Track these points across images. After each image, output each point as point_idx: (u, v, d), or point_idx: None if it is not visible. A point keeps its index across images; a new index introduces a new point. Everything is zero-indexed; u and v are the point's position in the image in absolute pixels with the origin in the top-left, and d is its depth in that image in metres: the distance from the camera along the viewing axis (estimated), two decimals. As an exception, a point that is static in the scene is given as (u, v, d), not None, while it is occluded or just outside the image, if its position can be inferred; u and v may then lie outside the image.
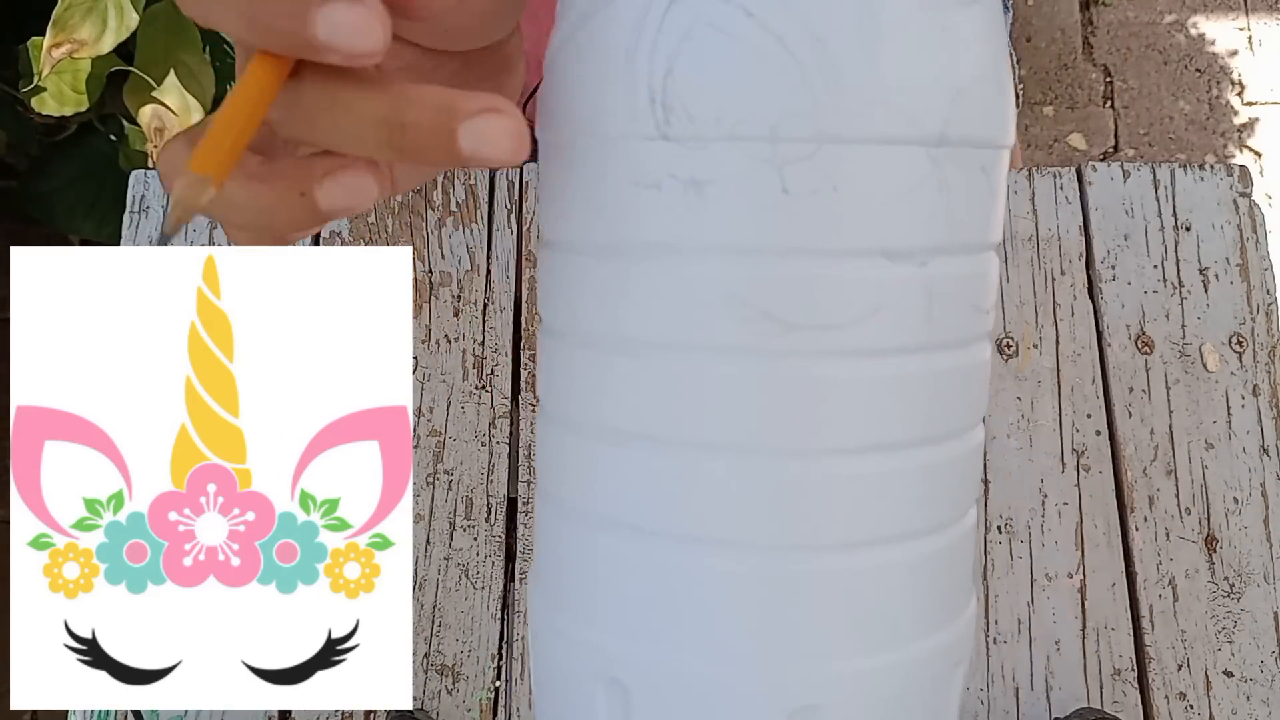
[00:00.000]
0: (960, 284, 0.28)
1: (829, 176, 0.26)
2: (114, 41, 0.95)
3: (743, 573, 0.27)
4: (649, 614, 0.28)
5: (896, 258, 0.26)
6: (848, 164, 0.26)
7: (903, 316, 0.26)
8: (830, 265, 0.26)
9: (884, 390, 0.26)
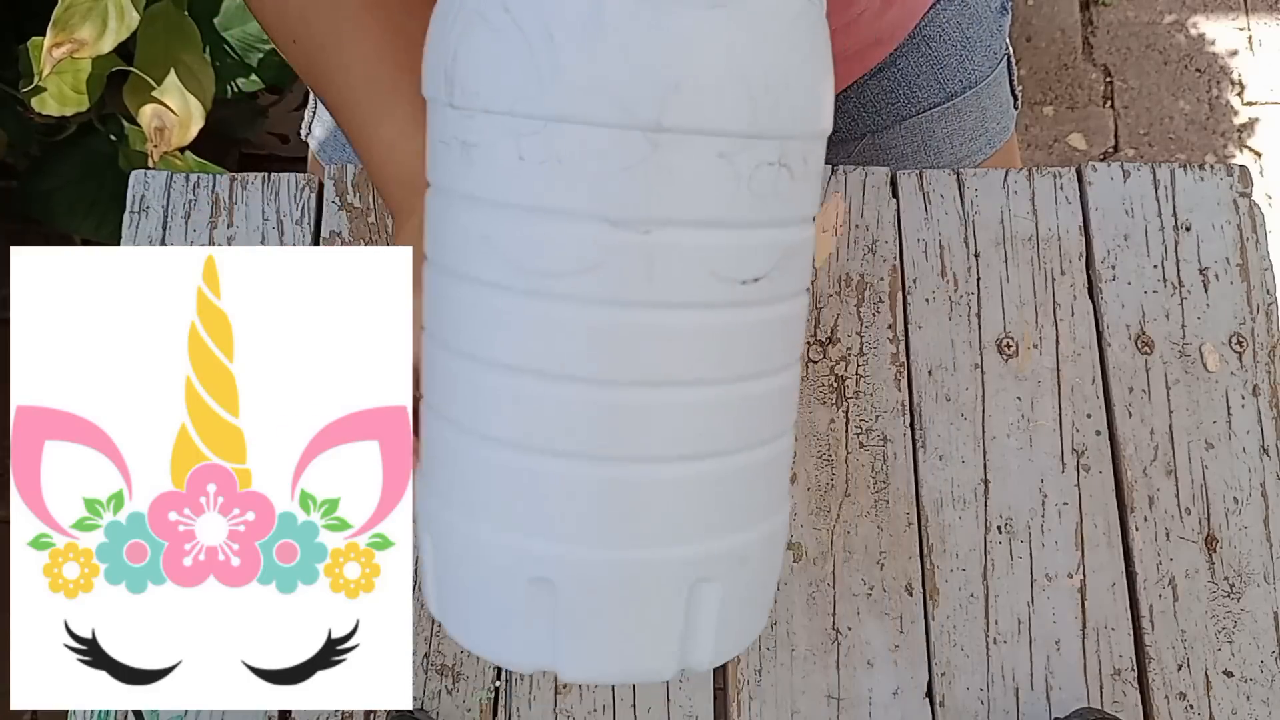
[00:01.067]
0: (693, 253, 0.32)
1: (554, 150, 0.31)
2: (114, 41, 0.95)
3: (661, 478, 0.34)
4: (582, 521, 0.34)
5: (618, 224, 0.31)
6: (569, 141, 0.31)
7: (622, 274, 0.32)
8: (555, 224, 0.32)
9: (604, 336, 0.32)
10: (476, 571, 0.37)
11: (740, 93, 0.31)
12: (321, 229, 0.64)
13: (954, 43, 0.75)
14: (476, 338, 0.34)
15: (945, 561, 0.60)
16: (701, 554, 0.35)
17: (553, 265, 0.32)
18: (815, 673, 0.58)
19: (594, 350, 0.33)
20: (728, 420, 0.35)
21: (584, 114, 0.31)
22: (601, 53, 0.30)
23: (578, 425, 0.34)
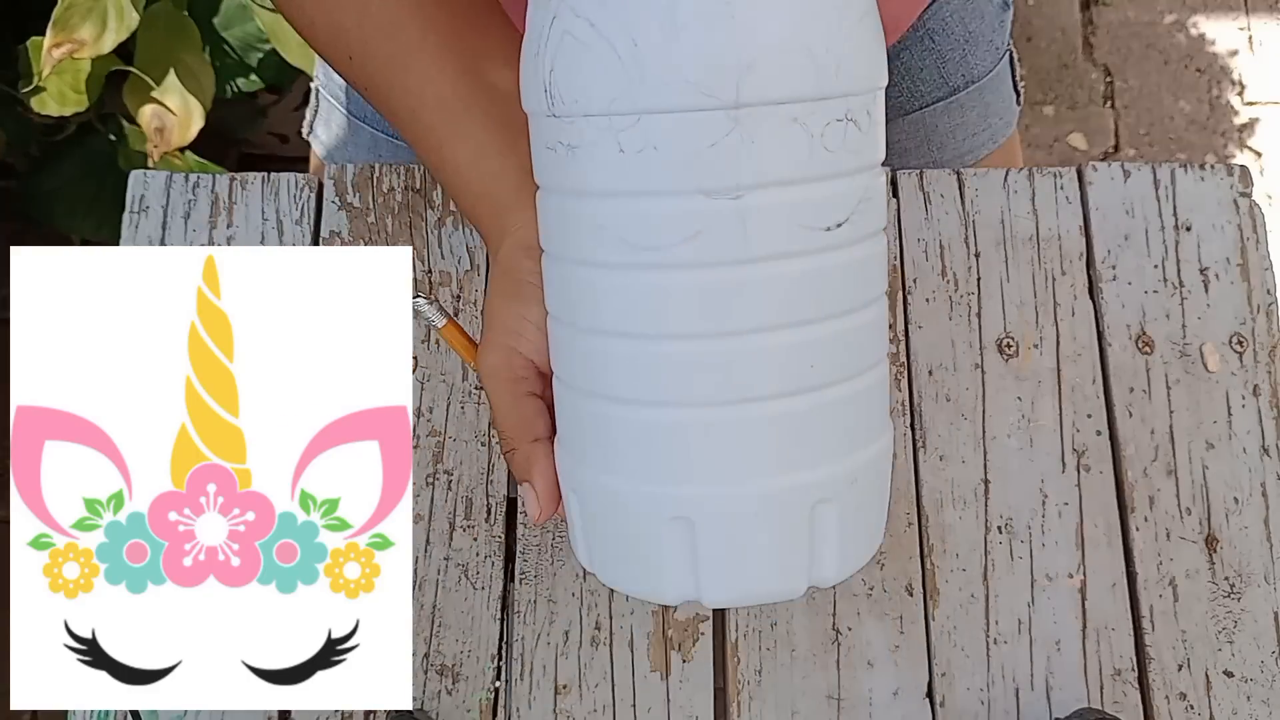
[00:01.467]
0: (781, 211, 0.37)
1: (650, 138, 0.36)
2: (114, 41, 0.95)
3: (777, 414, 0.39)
4: (714, 463, 0.39)
5: (713, 194, 0.36)
6: (661, 129, 0.36)
7: (722, 237, 0.36)
8: (657, 203, 0.37)
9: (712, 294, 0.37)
10: (620, 520, 0.41)
11: (805, 62, 0.36)
12: (321, 229, 0.64)
13: (957, 37, 0.75)
14: (601, 313, 0.39)
15: (945, 561, 0.60)
16: (817, 479, 0.40)
17: (660, 239, 0.37)
18: (815, 673, 0.58)
19: (705, 308, 0.37)
20: (827, 355, 0.39)
21: (671, 103, 0.35)
22: (679, 48, 0.35)
23: (695, 378, 0.38)
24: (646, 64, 0.35)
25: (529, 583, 0.58)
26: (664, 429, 0.39)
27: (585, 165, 0.38)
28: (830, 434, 0.40)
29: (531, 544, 0.59)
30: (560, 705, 0.57)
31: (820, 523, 0.40)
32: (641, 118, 0.36)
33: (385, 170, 0.65)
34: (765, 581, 0.41)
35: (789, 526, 0.40)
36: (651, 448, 0.40)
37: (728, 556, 0.40)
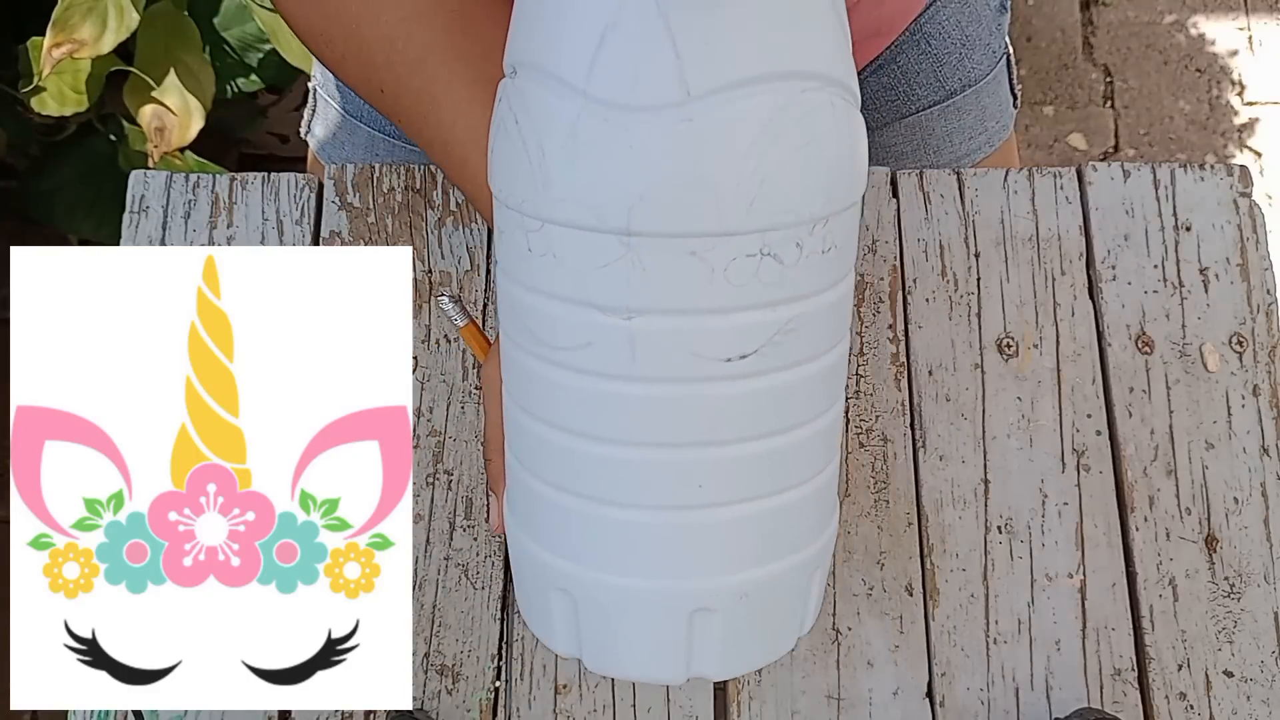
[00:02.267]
0: (673, 338, 0.36)
1: (551, 246, 0.36)
2: (114, 41, 0.95)
3: (652, 524, 0.39)
4: (588, 548, 0.40)
5: (605, 311, 0.36)
6: (560, 240, 0.35)
7: (609, 352, 0.36)
8: (556, 306, 0.37)
9: (597, 401, 0.37)
10: (523, 571, 0.43)
11: (706, 198, 0.34)
12: (321, 229, 0.64)
13: (953, 41, 0.75)
14: (511, 384, 0.41)
15: (945, 561, 0.60)
16: (695, 589, 0.40)
17: (556, 340, 0.37)
18: (815, 673, 0.58)
19: (590, 413, 0.38)
20: (719, 477, 0.39)
21: (568, 219, 0.35)
22: (577, 166, 0.34)
23: (579, 470, 0.39)
24: (550, 176, 0.35)
25: (529, 583, 0.58)
26: (550, 504, 0.40)
27: (506, 250, 0.38)
28: (716, 549, 0.40)
29: (531, 544, 0.59)
30: (560, 705, 0.57)
31: (701, 628, 0.41)
32: (545, 225, 0.36)
33: (385, 170, 0.65)
34: (640, 665, 0.42)
35: (661, 625, 0.41)
36: (542, 518, 0.41)
37: (603, 636, 0.42)
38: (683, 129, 0.33)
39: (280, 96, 1.40)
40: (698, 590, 0.40)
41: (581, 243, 0.35)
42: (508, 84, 0.37)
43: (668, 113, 0.33)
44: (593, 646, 0.42)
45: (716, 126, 0.33)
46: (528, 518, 0.42)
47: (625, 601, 0.40)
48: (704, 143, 0.33)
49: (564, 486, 0.40)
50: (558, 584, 0.41)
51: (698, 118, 0.33)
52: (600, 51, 0.33)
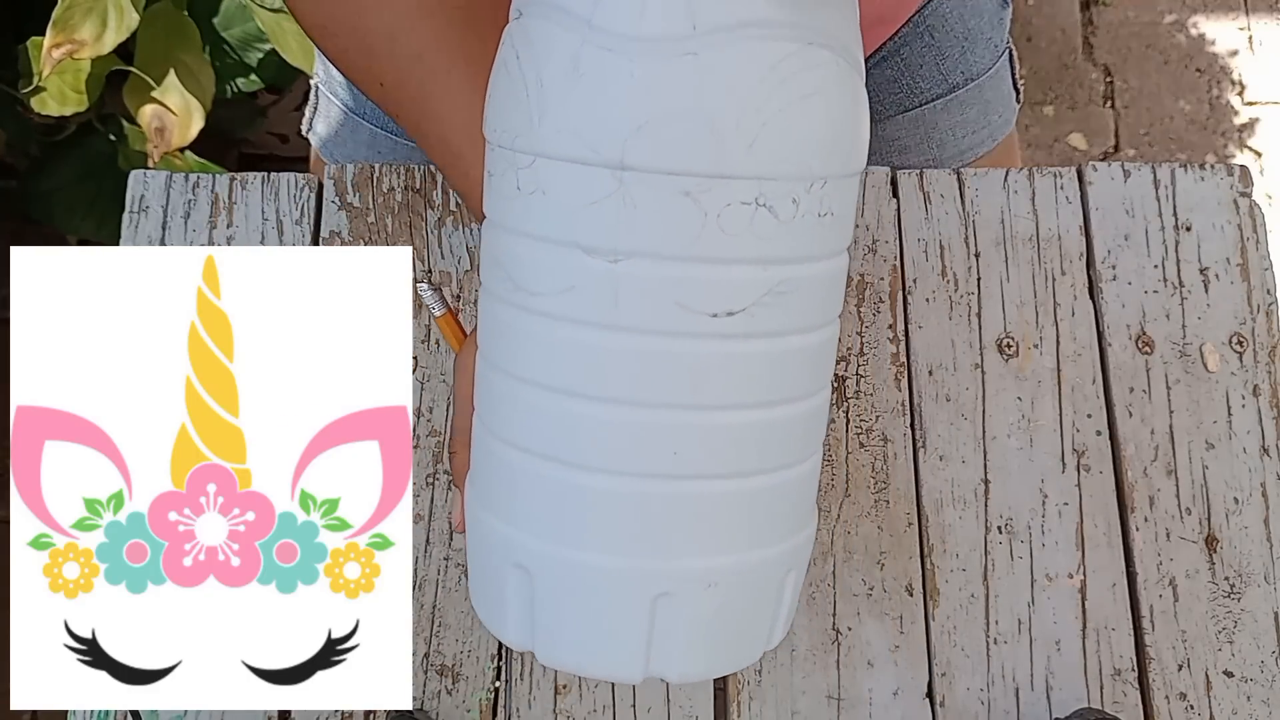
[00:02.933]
0: (659, 287, 0.34)
1: (540, 182, 0.35)
2: (114, 41, 0.95)
3: (620, 492, 0.36)
4: (551, 519, 0.37)
5: (591, 252, 0.34)
6: (551, 175, 0.34)
7: (591, 297, 0.35)
8: (540, 248, 0.35)
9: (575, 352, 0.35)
10: (477, 550, 0.41)
11: (703, 135, 0.33)
12: (321, 229, 0.64)
13: (956, 34, 0.75)
14: (484, 338, 0.39)
15: (945, 561, 0.60)
16: (660, 570, 0.37)
17: (537, 285, 0.36)
18: (815, 673, 0.58)
19: (564, 364, 0.36)
20: (695, 446, 0.36)
21: (561, 151, 0.34)
22: (576, 96, 0.34)
23: (550, 430, 0.37)
24: (546, 107, 0.34)
25: (529, 583, 0.58)
26: (513, 470, 0.38)
27: (494, 194, 0.37)
28: (687, 528, 0.37)
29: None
30: (560, 705, 0.57)
31: (663, 616, 0.38)
32: (536, 160, 0.35)
33: (385, 170, 0.65)
34: (595, 658, 0.39)
35: (622, 609, 0.38)
36: (501, 486, 0.38)
37: (558, 621, 0.38)
38: (687, 62, 0.33)
39: (280, 96, 1.40)
40: (663, 571, 0.37)
41: (572, 177, 0.34)
42: (512, 26, 0.37)
43: (672, 45, 0.33)
44: (546, 633, 0.39)
45: (721, 63, 0.33)
46: (488, 489, 0.39)
47: (585, 579, 0.37)
48: (707, 78, 0.33)
49: (529, 448, 0.37)
50: (515, 558, 0.38)
51: (703, 52, 0.32)
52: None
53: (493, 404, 0.39)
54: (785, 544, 0.40)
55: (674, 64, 0.33)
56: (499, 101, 0.37)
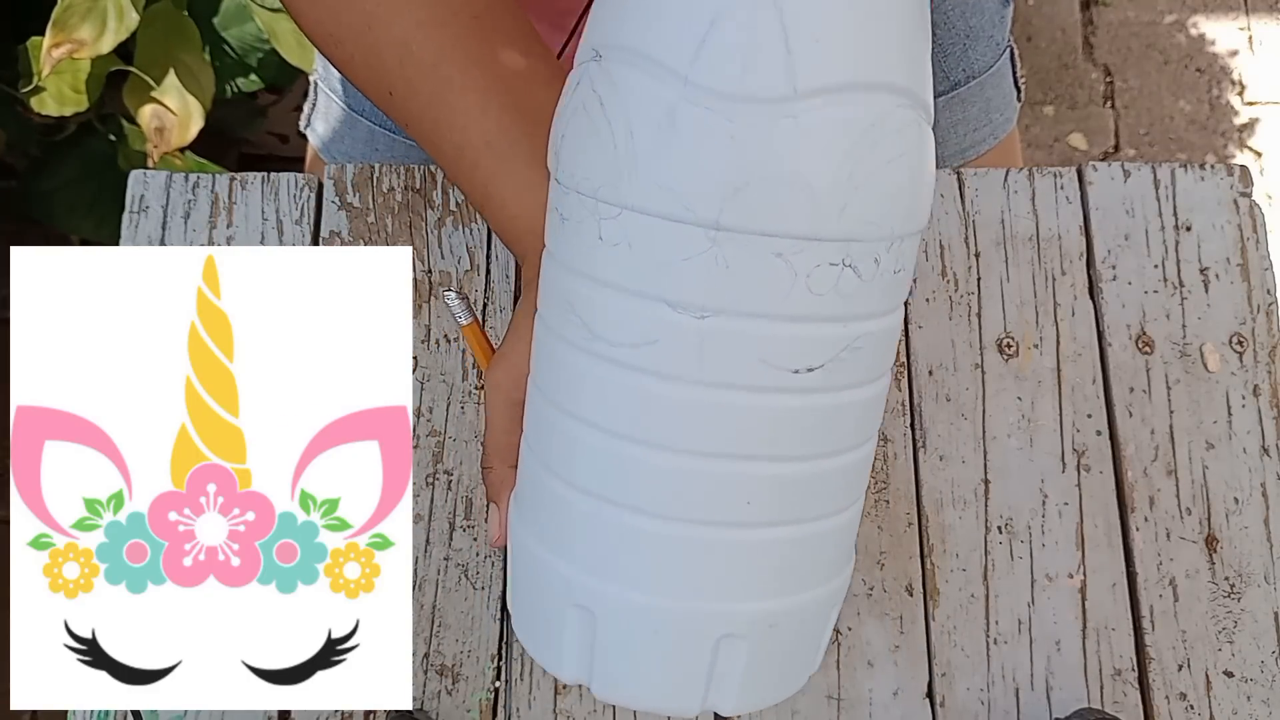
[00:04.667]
0: (743, 343, 0.35)
1: (627, 235, 0.34)
2: (114, 41, 0.95)
3: (693, 539, 0.37)
4: (620, 564, 0.38)
5: (678, 307, 0.34)
6: (640, 229, 0.34)
7: (675, 352, 0.35)
8: (623, 299, 0.35)
9: (655, 404, 0.36)
10: (534, 588, 0.41)
11: (800, 199, 0.33)
12: (321, 229, 0.64)
13: (957, 32, 0.75)
14: (549, 380, 0.39)
15: (945, 561, 0.60)
16: (726, 612, 0.38)
17: (617, 335, 0.36)
18: (815, 673, 0.58)
19: (641, 414, 0.36)
20: (768, 496, 0.37)
21: (653, 208, 0.33)
22: (671, 153, 0.33)
23: (622, 477, 0.37)
24: (637, 162, 0.34)
25: (529, 583, 0.58)
26: (578, 513, 0.38)
27: (569, 239, 0.37)
28: (754, 573, 0.38)
29: (531, 544, 0.59)
30: (560, 705, 0.57)
31: (725, 656, 0.39)
32: (624, 212, 0.34)
33: (385, 170, 0.65)
34: (654, 694, 0.40)
35: (686, 650, 0.39)
36: (564, 528, 0.39)
37: (619, 660, 0.39)
38: (786, 125, 0.32)
39: (280, 96, 1.40)
40: (728, 613, 0.38)
41: (664, 233, 0.34)
42: (590, 67, 0.36)
43: (773, 107, 0.32)
44: (605, 671, 0.40)
45: (820, 126, 0.33)
46: (548, 527, 0.40)
47: (651, 622, 0.38)
48: (806, 141, 0.33)
49: (598, 493, 0.38)
50: (577, 600, 0.39)
51: (802, 115, 0.32)
52: (709, 38, 0.32)
53: (554, 444, 0.39)
54: (836, 580, 0.42)
55: (774, 126, 0.32)
56: (577, 146, 0.36)
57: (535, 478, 0.40)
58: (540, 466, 0.40)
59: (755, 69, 0.32)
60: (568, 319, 0.37)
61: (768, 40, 0.32)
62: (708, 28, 0.32)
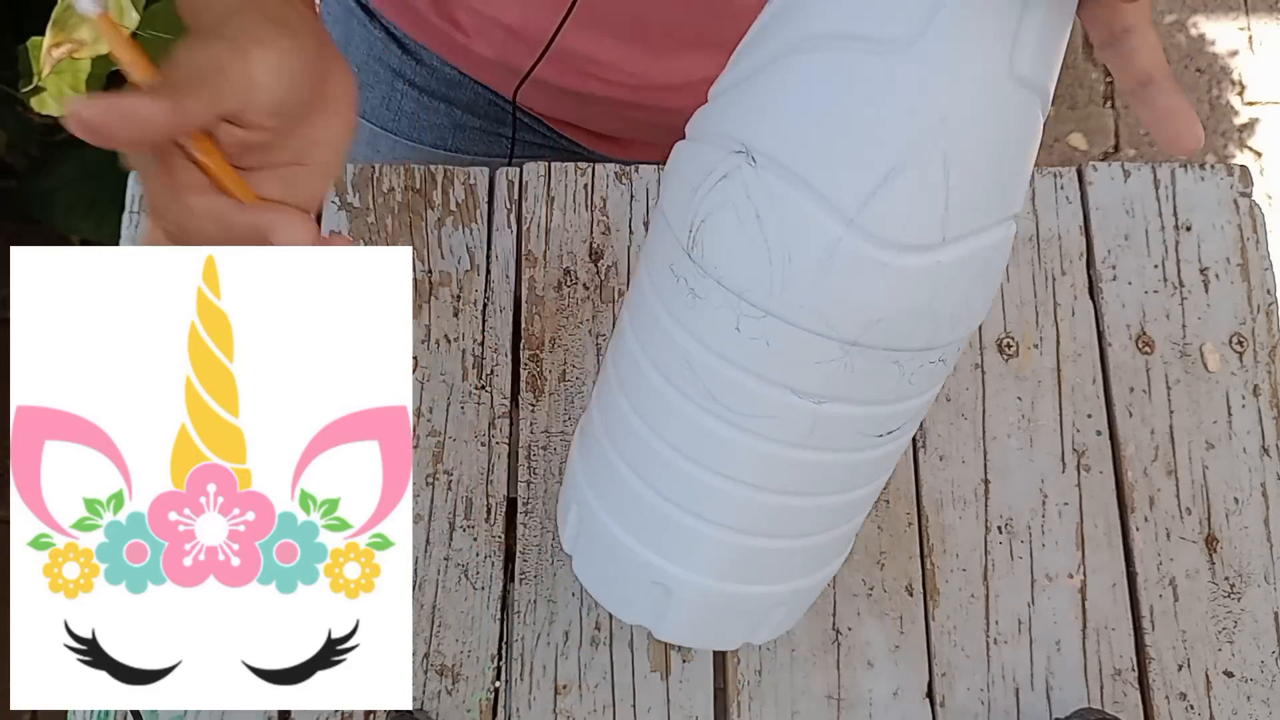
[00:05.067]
0: (849, 420, 0.40)
1: (766, 335, 0.37)
2: (114, 41, 0.95)
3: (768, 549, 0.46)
4: (703, 562, 0.47)
5: (799, 393, 0.39)
6: (780, 334, 0.37)
7: (789, 425, 0.40)
8: (751, 381, 0.39)
9: (772, 461, 0.41)
10: (613, 560, 0.50)
11: (929, 324, 0.37)
12: (321, 229, 0.64)
13: None
14: (664, 424, 0.43)
15: (945, 561, 0.60)
16: (776, 592, 0.49)
17: (738, 406, 0.40)
18: (815, 673, 0.58)
19: (743, 462, 0.42)
20: (818, 517, 0.45)
21: (799, 322, 0.36)
22: (827, 284, 0.35)
23: (711, 500, 0.44)
24: (792, 282, 0.36)
25: (529, 583, 0.58)
26: (670, 520, 0.45)
27: (701, 317, 0.39)
28: (798, 564, 0.48)
29: (531, 544, 0.59)
30: (560, 705, 0.57)
31: (769, 615, 0.51)
32: (767, 316, 0.37)
33: (385, 170, 0.65)
34: (707, 639, 0.53)
35: (739, 616, 0.50)
36: (655, 528, 0.46)
37: (686, 619, 0.50)
38: (930, 266, 0.35)
39: (280, 96, 1.40)
40: (777, 593, 0.49)
41: (802, 341, 0.37)
42: (746, 171, 0.36)
43: (924, 253, 0.35)
44: (671, 625, 0.50)
45: (955, 264, 0.36)
46: (635, 523, 0.47)
47: (717, 599, 0.48)
48: (944, 280, 0.36)
49: (688, 509, 0.45)
50: (656, 579, 0.48)
51: (944, 258, 0.35)
52: (881, 189, 0.34)
53: (651, 463, 0.45)
54: (841, 559, 0.52)
55: (922, 269, 0.35)
56: (725, 245, 0.37)
57: (627, 483, 0.46)
58: (634, 476, 0.46)
59: (916, 221, 0.34)
60: (685, 376, 0.41)
61: (932, 198, 0.34)
62: (882, 180, 0.34)
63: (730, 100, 0.38)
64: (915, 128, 0.33)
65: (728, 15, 0.65)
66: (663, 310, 0.41)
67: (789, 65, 0.35)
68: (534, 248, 0.64)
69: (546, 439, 0.61)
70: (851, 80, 0.33)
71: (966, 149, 0.34)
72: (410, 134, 0.75)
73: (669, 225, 0.40)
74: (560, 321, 0.63)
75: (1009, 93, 0.33)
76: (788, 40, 0.35)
